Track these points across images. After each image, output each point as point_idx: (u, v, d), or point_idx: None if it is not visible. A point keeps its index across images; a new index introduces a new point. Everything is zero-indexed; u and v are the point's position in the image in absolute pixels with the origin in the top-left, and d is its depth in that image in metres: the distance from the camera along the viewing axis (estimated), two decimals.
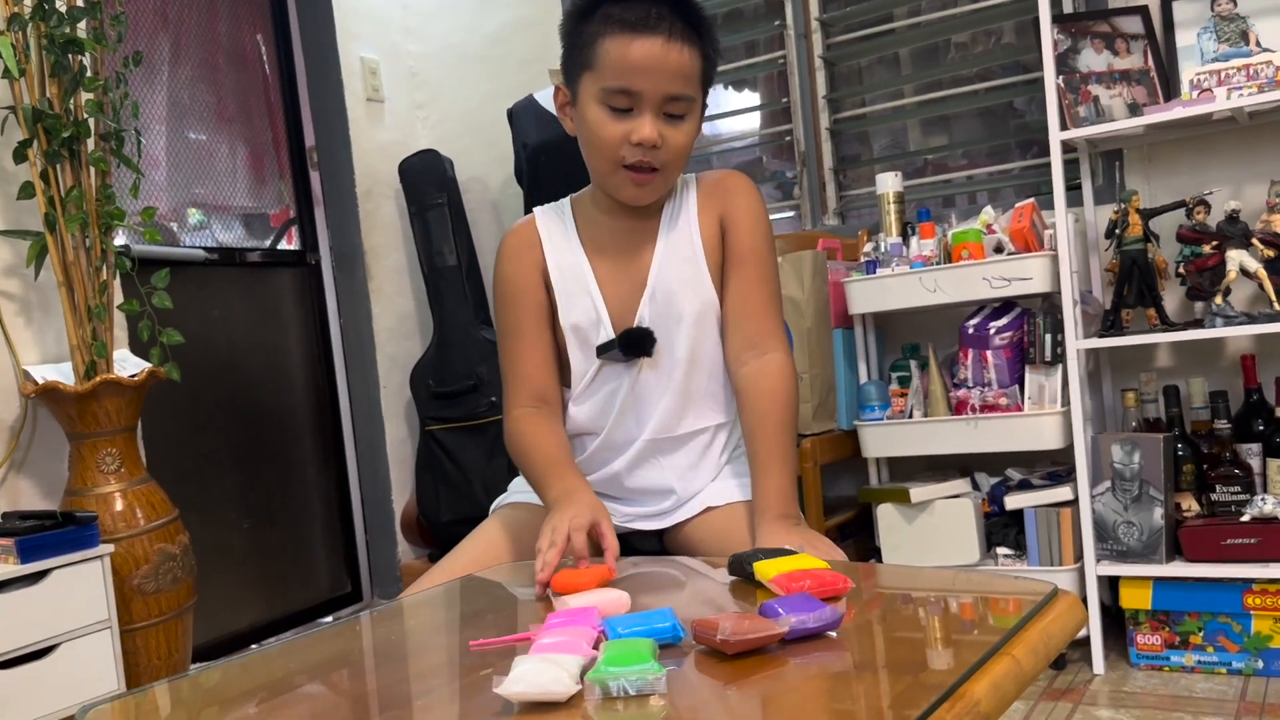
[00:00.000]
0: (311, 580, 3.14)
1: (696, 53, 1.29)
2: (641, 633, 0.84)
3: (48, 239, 2.14)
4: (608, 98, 1.28)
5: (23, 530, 1.95)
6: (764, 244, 1.39)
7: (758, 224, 1.39)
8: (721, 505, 1.38)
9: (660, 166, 1.30)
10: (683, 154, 1.32)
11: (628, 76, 1.26)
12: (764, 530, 1.26)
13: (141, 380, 2.18)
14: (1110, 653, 2.30)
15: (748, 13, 3.20)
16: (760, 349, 1.35)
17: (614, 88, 1.27)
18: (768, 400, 1.32)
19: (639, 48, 1.25)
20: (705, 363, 1.39)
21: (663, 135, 1.28)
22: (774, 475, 1.29)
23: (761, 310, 1.37)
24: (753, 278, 1.37)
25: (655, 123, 1.27)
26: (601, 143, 1.30)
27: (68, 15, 2.12)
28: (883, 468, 2.62)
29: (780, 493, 1.28)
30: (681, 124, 1.30)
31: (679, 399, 1.38)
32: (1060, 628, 0.87)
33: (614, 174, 1.32)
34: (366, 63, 3.22)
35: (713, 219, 1.39)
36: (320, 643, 1.08)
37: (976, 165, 2.91)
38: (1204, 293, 2.22)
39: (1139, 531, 2.20)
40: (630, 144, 1.28)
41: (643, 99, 1.27)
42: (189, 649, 2.27)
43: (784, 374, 1.34)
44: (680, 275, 1.37)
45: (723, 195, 1.40)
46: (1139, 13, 2.39)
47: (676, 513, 1.41)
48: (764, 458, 1.31)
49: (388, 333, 3.24)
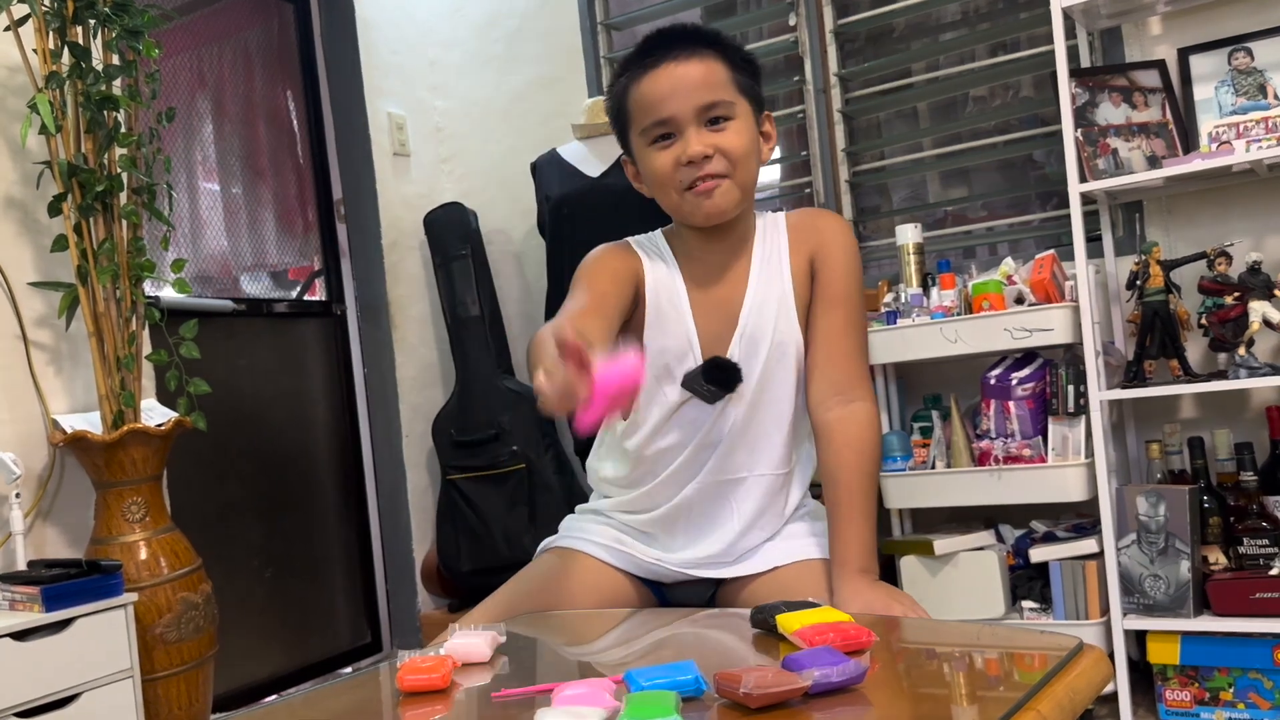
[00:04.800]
0: (332, 630, 3.13)
1: (717, 61, 1.30)
2: (664, 685, 0.84)
3: (79, 290, 2.18)
4: (649, 136, 1.30)
5: (48, 579, 1.96)
6: (855, 288, 1.36)
7: (851, 267, 1.36)
8: (789, 564, 1.34)
9: (726, 173, 1.29)
10: (744, 155, 1.29)
11: (655, 109, 1.29)
12: (844, 585, 1.23)
13: (168, 429, 2.20)
14: (1139, 708, 2.26)
15: (767, 68, 3.24)
16: (847, 396, 1.32)
17: (649, 124, 1.29)
18: (855, 449, 1.29)
19: (655, 80, 1.29)
20: (780, 406, 1.35)
21: (713, 144, 1.27)
22: (855, 526, 1.26)
23: (850, 356, 1.34)
24: (842, 322, 1.34)
25: (699, 136, 1.27)
26: (659, 177, 1.30)
27: (104, 74, 2.18)
28: (905, 519, 2.61)
29: (861, 545, 1.26)
30: (727, 127, 1.29)
31: (749, 442, 1.35)
32: (1086, 683, 0.86)
33: (682, 201, 1.31)
34: (394, 118, 3.28)
35: (804, 258, 1.36)
36: (340, 693, 1.08)
37: (996, 217, 2.93)
38: (1227, 344, 2.21)
39: (1166, 585, 2.18)
40: (683, 165, 1.28)
41: (678, 121, 1.28)
42: (209, 699, 2.26)
43: (871, 424, 1.31)
44: (772, 316, 1.34)
45: (815, 234, 1.37)
46: (1156, 67, 2.41)
47: (737, 565, 1.36)
48: (846, 508, 1.27)
49: (410, 382, 3.26)
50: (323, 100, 3.27)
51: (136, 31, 2.20)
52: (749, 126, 1.31)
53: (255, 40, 3.14)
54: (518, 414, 3.08)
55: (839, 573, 1.25)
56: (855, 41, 3.11)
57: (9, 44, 2.19)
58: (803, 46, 3.09)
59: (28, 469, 2.21)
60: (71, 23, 2.15)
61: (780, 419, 1.36)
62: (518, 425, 3.07)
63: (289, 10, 3.23)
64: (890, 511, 2.56)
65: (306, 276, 3.27)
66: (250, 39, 3.13)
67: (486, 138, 3.54)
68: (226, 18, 3.09)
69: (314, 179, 3.26)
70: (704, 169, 1.27)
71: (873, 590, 1.21)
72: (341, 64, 3.23)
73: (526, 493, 3.02)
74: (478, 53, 3.55)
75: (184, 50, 2.94)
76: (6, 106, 2.28)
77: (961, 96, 2.98)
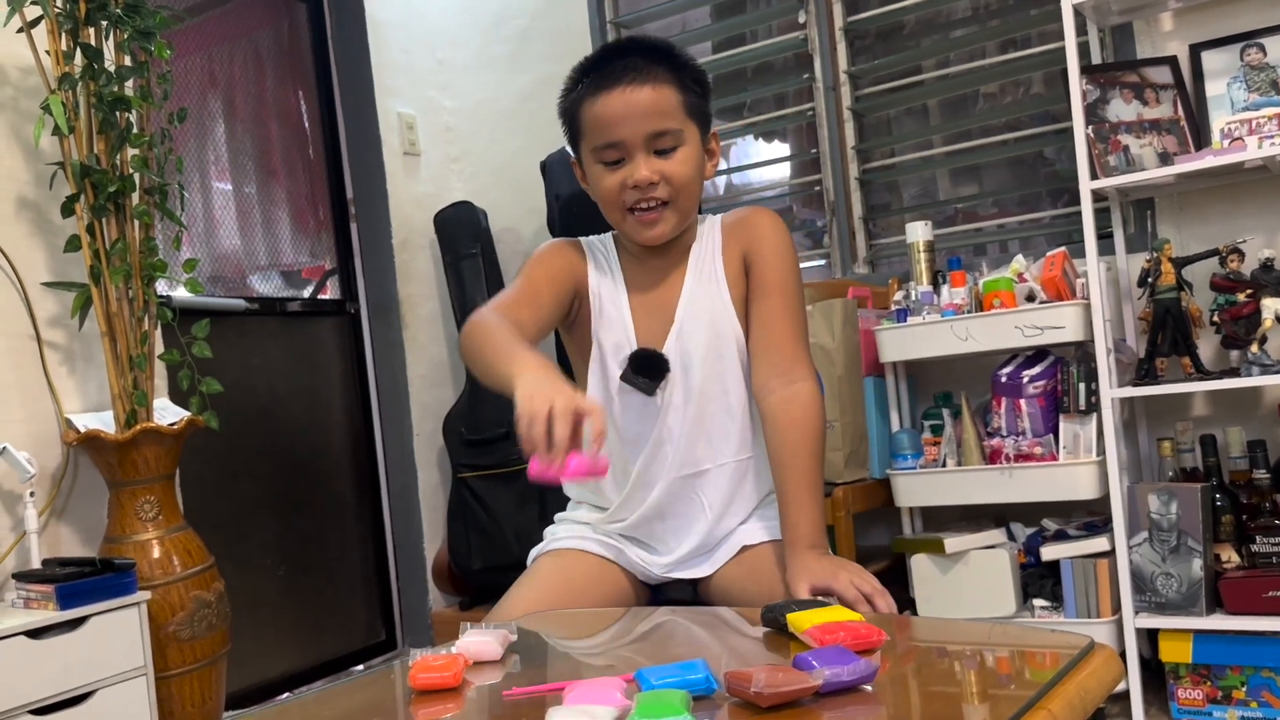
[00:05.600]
0: (345, 628, 3.14)
1: (670, 86, 1.35)
2: (675, 684, 0.84)
3: (92, 290, 2.19)
4: (600, 155, 1.37)
5: (62, 577, 1.97)
6: (788, 275, 1.41)
7: (782, 257, 1.42)
8: (753, 545, 1.39)
9: (669, 199, 1.36)
10: (686, 183, 1.37)
11: (607, 131, 1.35)
12: (795, 562, 1.26)
13: (181, 429, 2.22)
14: (1151, 707, 2.26)
15: (777, 66, 3.24)
16: (788, 377, 1.36)
17: (601, 144, 1.36)
18: (797, 430, 1.33)
19: (608, 102, 1.35)
20: (729, 397, 1.41)
21: (659, 171, 1.34)
22: (804, 506, 1.30)
23: (787, 339, 1.39)
24: (778, 307, 1.39)
25: (647, 162, 1.34)
26: (606, 195, 1.38)
27: (116, 75, 2.19)
28: (916, 517, 2.60)
29: (810, 523, 1.29)
30: (674, 155, 1.35)
31: (705, 433, 1.40)
32: (1097, 682, 0.86)
33: (624, 221, 1.39)
34: (403, 117, 3.28)
35: (736, 255, 1.43)
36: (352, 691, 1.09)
37: (1007, 214, 2.92)
38: (1239, 341, 2.20)
39: (1178, 583, 2.17)
40: (629, 189, 1.35)
41: (627, 146, 1.35)
42: (222, 697, 2.27)
43: (812, 403, 1.35)
44: (707, 311, 1.41)
45: (746, 231, 1.44)
46: (1168, 63, 2.40)
47: (715, 556, 1.41)
48: (793, 488, 1.31)
49: (421, 380, 3.27)
50: (335, 100, 3.28)
51: (148, 33, 2.21)
52: (695, 152, 1.37)
53: (266, 40, 3.15)
54: None
55: (790, 551, 1.28)
56: (865, 39, 3.10)
57: (22, 45, 2.20)
58: (812, 44, 3.08)
59: (42, 468, 2.22)
60: (84, 24, 2.16)
61: (732, 409, 1.41)
62: None
63: (300, 10, 3.24)
64: (901, 510, 2.56)
65: (320, 275, 3.28)
66: (261, 39, 3.14)
67: (496, 137, 3.55)
68: (237, 18, 3.10)
69: (327, 178, 3.27)
70: (648, 194, 1.35)
71: (819, 563, 1.24)
72: (351, 64, 3.23)
73: (536, 491, 3.02)
74: (487, 52, 3.56)
75: (196, 51, 2.95)
76: (20, 108, 2.29)
77: (972, 93, 2.97)
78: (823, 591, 1.21)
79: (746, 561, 1.38)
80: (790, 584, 1.24)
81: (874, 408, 2.56)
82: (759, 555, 1.37)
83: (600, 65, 1.38)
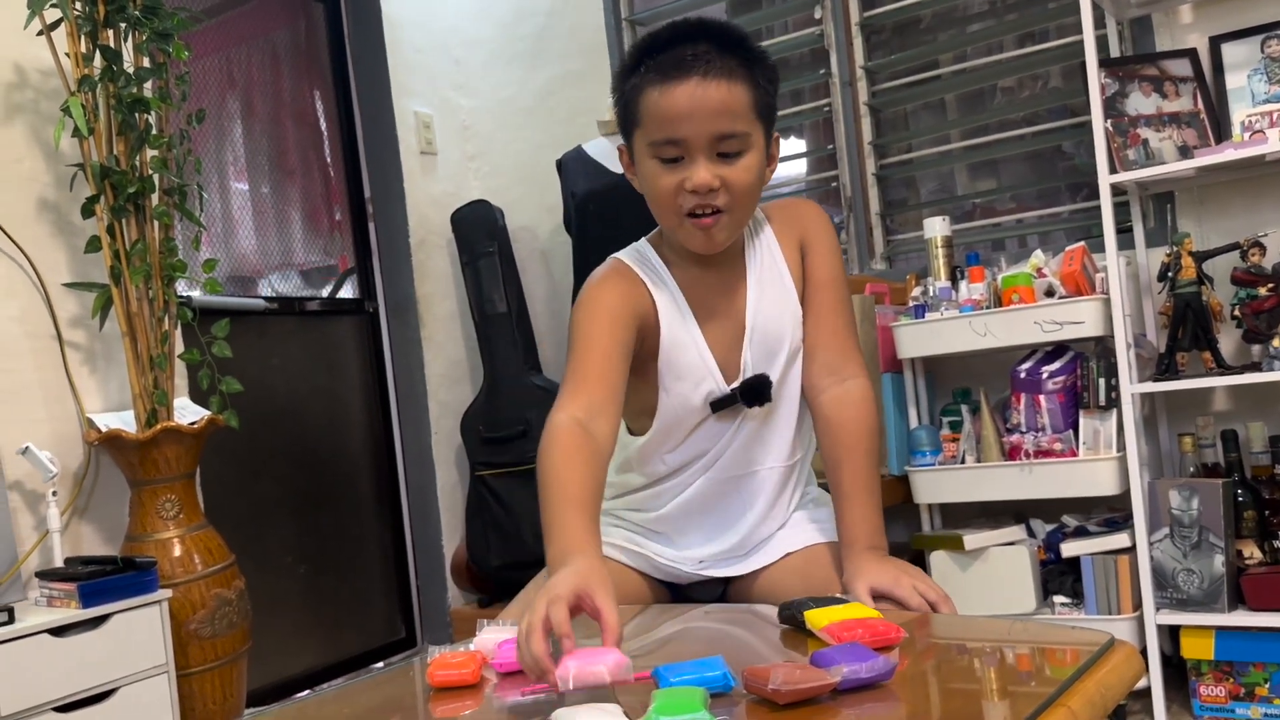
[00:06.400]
0: (366, 626, 3.16)
1: (743, 84, 1.23)
2: (692, 681, 0.84)
3: (112, 291, 2.21)
4: (657, 150, 1.25)
5: (84, 575, 1.99)
6: (839, 269, 1.37)
7: (833, 250, 1.37)
8: (798, 550, 1.34)
9: (726, 208, 1.25)
10: (747, 191, 1.25)
11: (670, 126, 1.22)
12: (853, 563, 1.23)
13: (201, 428, 2.23)
14: (1173, 704, 2.24)
15: (793, 61, 3.23)
16: (840, 375, 1.32)
17: (660, 139, 1.24)
18: (852, 428, 1.30)
19: (675, 95, 1.21)
20: (796, 402, 1.36)
21: (720, 176, 1.23)
22: (861, 505, 1.26)
23: (840, 335, 1.34)
24: (832, 302, 1.35)
25: (709, 166, 1.22)
26: (660, 195, 1.26)
27: (135, 76, 2.20)
28: (935, 514, 2.59)
29: (867, 523, 1.26)
30: (738, 161, 1.24)
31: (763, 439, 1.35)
32: (1118, 678, 0.86)
33: (680, 226, 1.27)
34: (420, 117, 3.29)
35: (794, 247, 1.37)
36: (371, 688, 1.09)
37: (1025, 209, 2.90)
38: (1261, 335, 2.18)
39: (1199, 579, 2.15)
40: (686, 192, 1.24)
41: (690, 145, 1.22)
42: (243, 694, 2.29)
43: (867, 401, 1.31)
44: (778, 313, 1.34)
45: (799, 222, 1.38)
46: (1187, 55, 2.38)
47: (751, 558, 1.37)
48: (849, 488, 1.27)
49: (439, 379, 3.28)
50: (352, 100, 3.29)
51: (166, 34, 2.23)
52: (758, 159, 1.26)
53: (283, 40, 3.16)
54: (545, 410, 3.06)
55: (848, 553, 1.25)
56: (881, 33, 3.09)
57: (42, 48, 2.22)
58: (828, 39, 3.07)
59: (64, 467, 2.24)
60: (103, 26, 2.17)
61: (792, 414, 1.36)
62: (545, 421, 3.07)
63: (317, 10, 3.25)
64: (920, 507, 2.55)
65: (341, 274, 3.29)
66: (278, 39, 3.15)
67: (512, 135, 3.55)
68: (255, 19, 3.11)
69: (345, 178, 3.28)
70: (707, 200, 1.24)
71: (880, 566, 1.20)
72: (368, 63, 3.25)
73: None
74: (503, 51, 3.56)
75: (213, 52, 2.96)
76: (40, 110, 2.31)
77: (989, 88, 2.96)
78: (882, 595, 1.18)
79: (796, 562, 1.33)
80: (848, 585, 1.21)
81: (892, 404, 2.55)
82: (810, 556, 1.33)
83: (668, 49, 1.23)
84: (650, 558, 1.38)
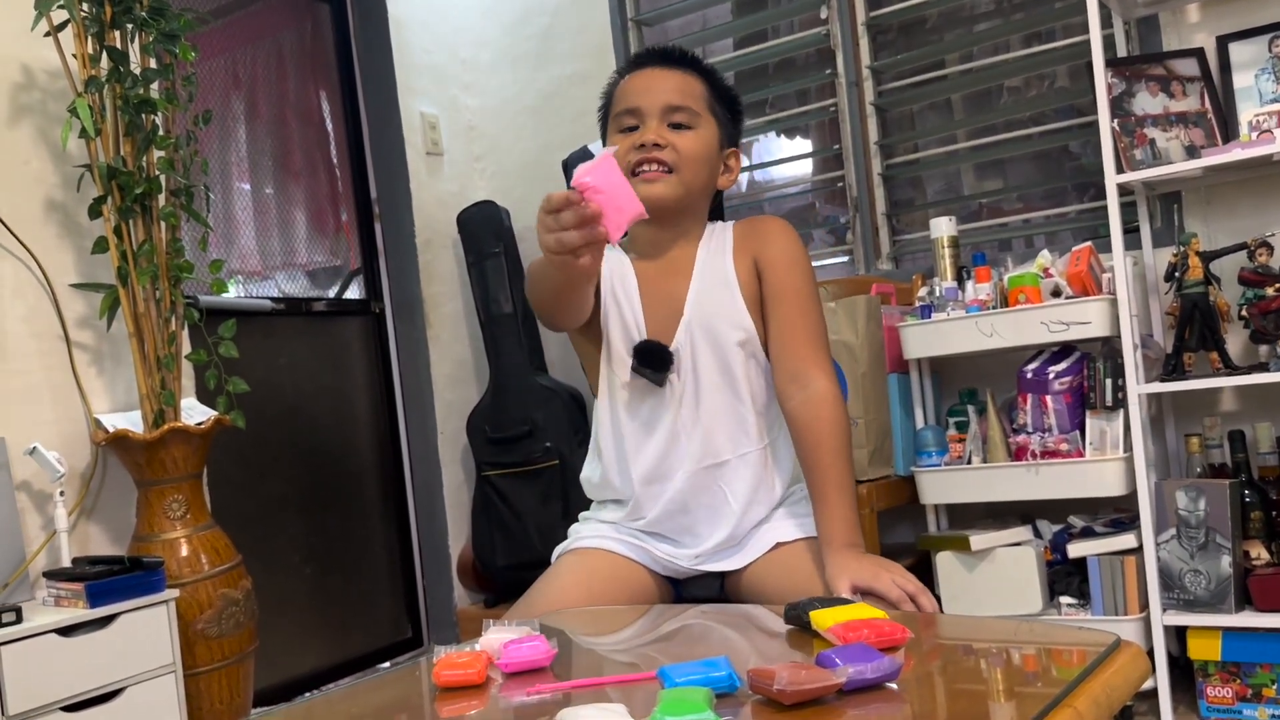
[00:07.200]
0: (372, 626, 3.16)
1: (695, 77, 1.43)
2: (697, 681, 0.84)
3: (120, 291, 2.21)
4: (618, 124, 1.43)
5: (92, 575, 2.00)
6: (800, 279, 1.43)
7: (793, 262, 1.43)
8: (786, 543, 1.39)
9: (674, 166, 1.39)
10: (693, 158, 1.41)
11: (627, 99, 1.43)
12: (834, 562, 1.27)
13: (208, 428, 2.23)
14: (1179, 705, 2.24)
15: (799, 61, 3.23)
16: (803, 381, 1.37)
17: (620, 112, 1.43)
18: (817, 431, 1.34)
19: (636, 77, 1.44)
20: (742, 389, 1.42)
21: (669, 140, 1.39)
22: (834, 505, 1.31)
23: (801, 342, 1.40)
24: (791, 312, 1.41)
25: (659, 129, 1.39)
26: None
27: (141, 77, 2.21)
28: (941, 515, 2.59)
29: (843, 521, 1.30)
30: (687, 132, 1.40)
31: (722, 424, 1.41)
32: (1124, 679, 0.86)
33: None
34: (426, 117, 3.30)
35: (747, 260, 1.44)
36: (377, 688, 1.09)
37: (1032, 209, 2.90)
38: (1268, 335, 2.18)
39: (1206, 580, 2.15)
40: (635, 148, 1.39)
41: (643, 113, 1.41)
42: (250, 694, 2.29)
43: (830, 402, 1.36)
44: (716, 305, 1.42)
45: (757, 238, 1.45)
46: (1194, 55, 2.38)
47: (745, 549, 1.41)
48: (822, 488, 1.32)
49: (445, 379, 3.28)
50: (358, 100, 3.30)
51: (173, 35, 2.23)
52: (708, 142, 1.42)
53: (289, 41, 3.17)
54: (551, 411, 3.09)
55: (826, 550, 1.29)
56: (888, 33, 3.09)
57: (49, 49, 2.22)
58: (834, 39, 3.07)
59: (71, 468, 2.25)
60: (109, 27, 2.18)
61: (748, 401, 1.42)
62: (551, 422, 3.08)
63: (323, 11, 3.26)
64: (926, 507, 2.54)
65: (347, 274, 3.30)
66: (284, 40, 3.16)
67: (518, 136, 3.56)
68: (261, 19, 3.12)
69: (351, 178, 3.28)
70: (652, 154, 1.38)
71: (859, 562, 1.25)
72: (374, 64, 3.25)
73: (560, 488, 3.03)
74: (509, 51, 3.57)
75: (220, 52, 2.97)
76: (47, 111, 2.31)
77: (996, 88, 2.95)
78: (864, 591, 1.21)
79: (780, 558, 1.38)
80: (830, 583, 1.25)
81: (898, 405, 2.55)
82: (793, 552, 1.37)
83: (639, 57, 1.48)
84: (650, 550, 1.44)
